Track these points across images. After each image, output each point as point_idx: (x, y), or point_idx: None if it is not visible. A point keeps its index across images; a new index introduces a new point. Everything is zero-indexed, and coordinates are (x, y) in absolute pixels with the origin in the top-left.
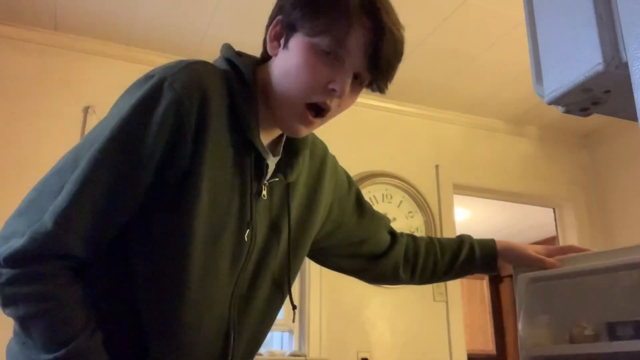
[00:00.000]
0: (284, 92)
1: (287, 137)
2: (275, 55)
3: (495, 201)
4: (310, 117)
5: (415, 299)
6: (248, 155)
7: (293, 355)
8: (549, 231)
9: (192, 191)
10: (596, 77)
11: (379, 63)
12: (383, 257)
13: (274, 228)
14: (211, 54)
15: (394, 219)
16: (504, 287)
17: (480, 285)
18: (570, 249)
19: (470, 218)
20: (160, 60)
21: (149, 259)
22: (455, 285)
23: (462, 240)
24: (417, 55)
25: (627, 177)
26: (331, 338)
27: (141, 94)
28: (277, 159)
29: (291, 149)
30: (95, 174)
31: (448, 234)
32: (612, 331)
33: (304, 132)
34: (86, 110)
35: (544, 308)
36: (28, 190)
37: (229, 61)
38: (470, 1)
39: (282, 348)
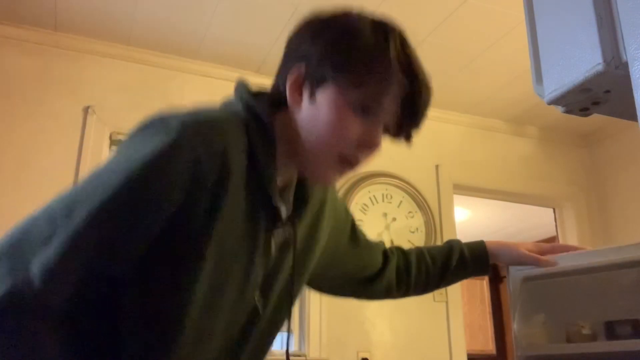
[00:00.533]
0: (316, 145)
1: (297, 181)
2: (298, 105)
3: (495, 201)
4: (344, 169)
5: (415, 299)
6: (264, 210)
7: (293, 355)
8: (549, 231)
9: (198, 254)
10: (596, 77)
11: (416, 117)
12: (376, 280)
13: (274, 272)
14: (211, 54)
15: (394, 219)
16: (504, 287)
17: (480, 285)
18: (563, 248)
19: (470, 218)
20: (160, 60)
21: (141, 316)
22: (455, 286)
23: (451, 246)
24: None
25: (627, 177)
26: (331, 338)
27: (155, 147)
28: (289, 209)
29: (301, 194)
30: (91, 232)
31: (448, 234)
32: (611, 330)
33: (334, 181)
34: (86, 110)
35: (539, 307)
36: (28, 190)
37: (247, 106)
38: (470, 1)
39: (282, 348)
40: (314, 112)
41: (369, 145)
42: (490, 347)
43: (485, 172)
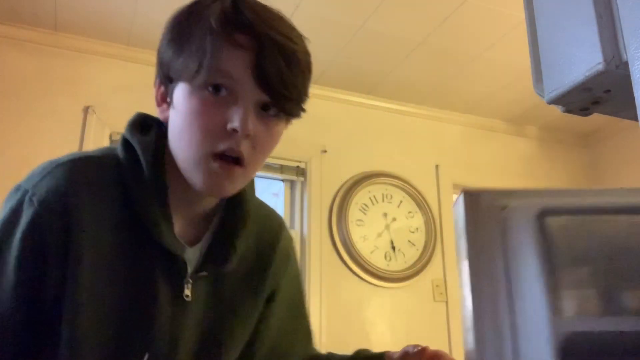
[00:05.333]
0: (185, 152)
1: (222, 215)
2: (166, 119)
3: None
4: (226, 165)
5: (415, 299)
6: (155, 257)
7: None
8: None
9: (70, 325)
10: (596, 77)
11: (269, 82)
12: None
13: (207, 325)
14: None
15: (394, 219)
16: None
17: None
18: (431, 356)
19: None
20: None
21: None
22: (455, 285)
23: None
24: (417, 55)
25: (627, 177)
26: (331, 338)
27: (2, 216)
28: (195, 248)
29: (228, 229)
30: None
31: (448, 234)
32: None
33: (228, 187)
34: (86, 110)
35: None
36: None
37: (126, 144)
38: (470, 1)
39: None
40: (175, 116)
41: (237, 129)
42: None
43: (485, 172)
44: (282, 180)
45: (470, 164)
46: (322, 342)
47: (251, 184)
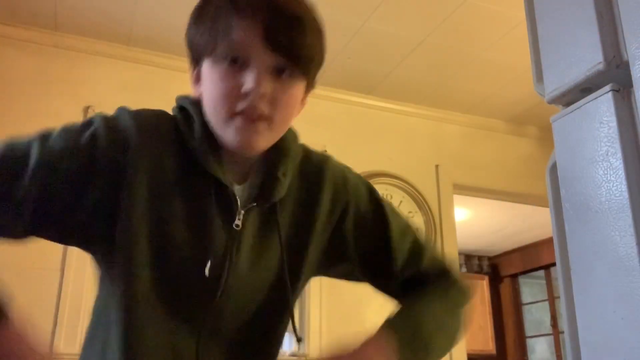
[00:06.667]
0: (214, 117)
1: (266, 162)
2: (201, 95)
3: (495, 201)
4: (249, 121)
5: None
6: (207, 186)
7: (293, 355)
8: (548, 231)
9: (126, 238)
10: (597, 76)
11: (279, 44)
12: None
13: (260, 255)
14: None
15: None
16: (504, 287)
17: (480, 285)
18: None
19: (470, 218)
20: (160, 60)
21: (108, 292)
22: None
23: None
24: (417, 55)
25: None
26: (331, 338)
27: (73, 125)
28: (244, 185)
29: (271, 170)
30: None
31: (448, 233)
32: None
33: (256, 140)
34: (86, 110)
35: None
36: None
37: (180, 108)
38: (470, 1)
39: (282, 348)
40: (204, 90)
41: (252, 90)
42: (490, 347)
43: (485, 172)
44: None
45: (470, 164)
46: (322, 342)
47: (294, 137)
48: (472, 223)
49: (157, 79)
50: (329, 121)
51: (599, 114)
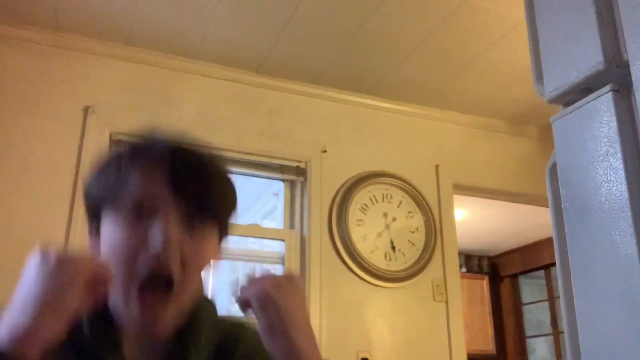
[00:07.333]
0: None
1: (173, 342)
2: (98, 253)
3: (495, 201)
4: (154, 296)
5: (415, 299)
6: None
7: None
8: (548, 231)
9: None
10: (597, 76)
11: (187, 188)
12: None
13: None
14: (211, 54)
15: (394, 219)
16: (504, 287)
17: (480, 285)
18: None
19: (469, 218)
20: (160, 60)
21: None
22: (455, 285)
23: None
24: (417, 55)
25: None
26: (331, 338)
27: None
28: None
29: (179, 351)
30: None
31: (448, 233)
32: None
33: (162, 321)
34: (86, 110)
35: None
36: (28, 190)
37: None
38: (470, 1)
39: None
40: (102, 246)
41: (153, 247)
42: (490, 347)
43: (485, 172)
44: (282, 180)
45: (470, 164)
46: (322, 342)
47: (207, 304)
48: (472, 223)
49: (157, 79)
50: (329, 121)
51: (599, 114)
